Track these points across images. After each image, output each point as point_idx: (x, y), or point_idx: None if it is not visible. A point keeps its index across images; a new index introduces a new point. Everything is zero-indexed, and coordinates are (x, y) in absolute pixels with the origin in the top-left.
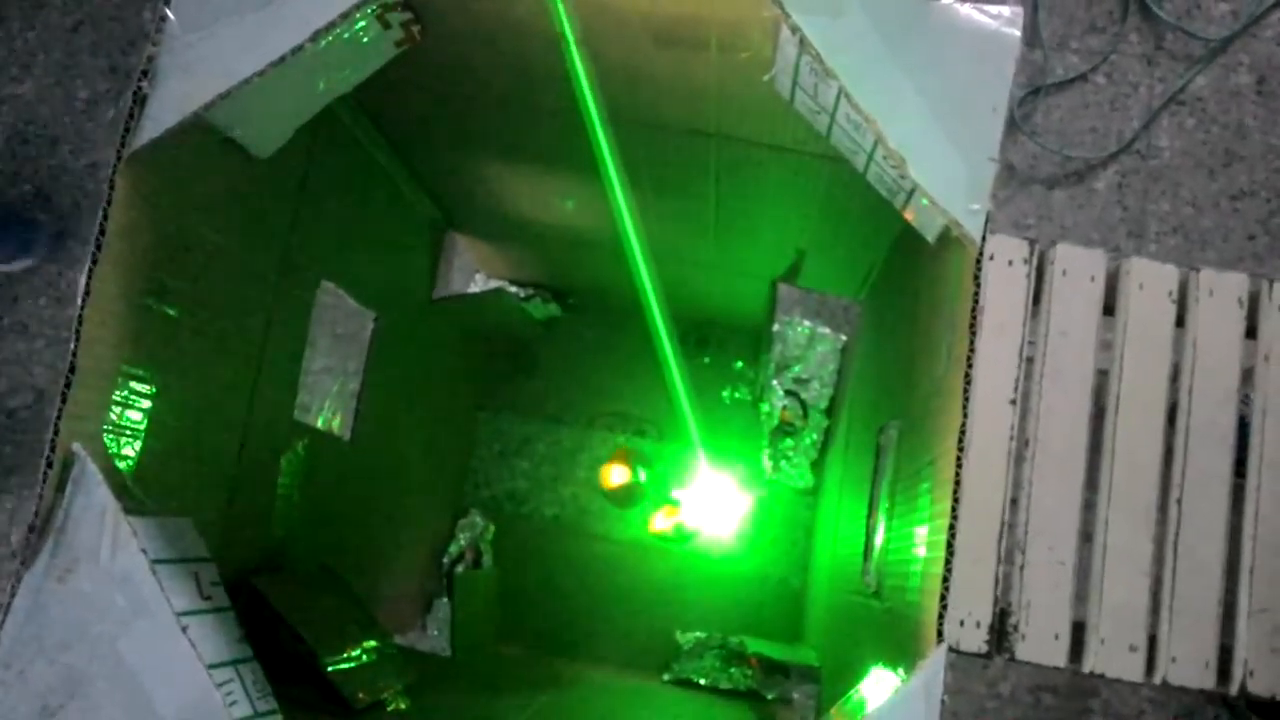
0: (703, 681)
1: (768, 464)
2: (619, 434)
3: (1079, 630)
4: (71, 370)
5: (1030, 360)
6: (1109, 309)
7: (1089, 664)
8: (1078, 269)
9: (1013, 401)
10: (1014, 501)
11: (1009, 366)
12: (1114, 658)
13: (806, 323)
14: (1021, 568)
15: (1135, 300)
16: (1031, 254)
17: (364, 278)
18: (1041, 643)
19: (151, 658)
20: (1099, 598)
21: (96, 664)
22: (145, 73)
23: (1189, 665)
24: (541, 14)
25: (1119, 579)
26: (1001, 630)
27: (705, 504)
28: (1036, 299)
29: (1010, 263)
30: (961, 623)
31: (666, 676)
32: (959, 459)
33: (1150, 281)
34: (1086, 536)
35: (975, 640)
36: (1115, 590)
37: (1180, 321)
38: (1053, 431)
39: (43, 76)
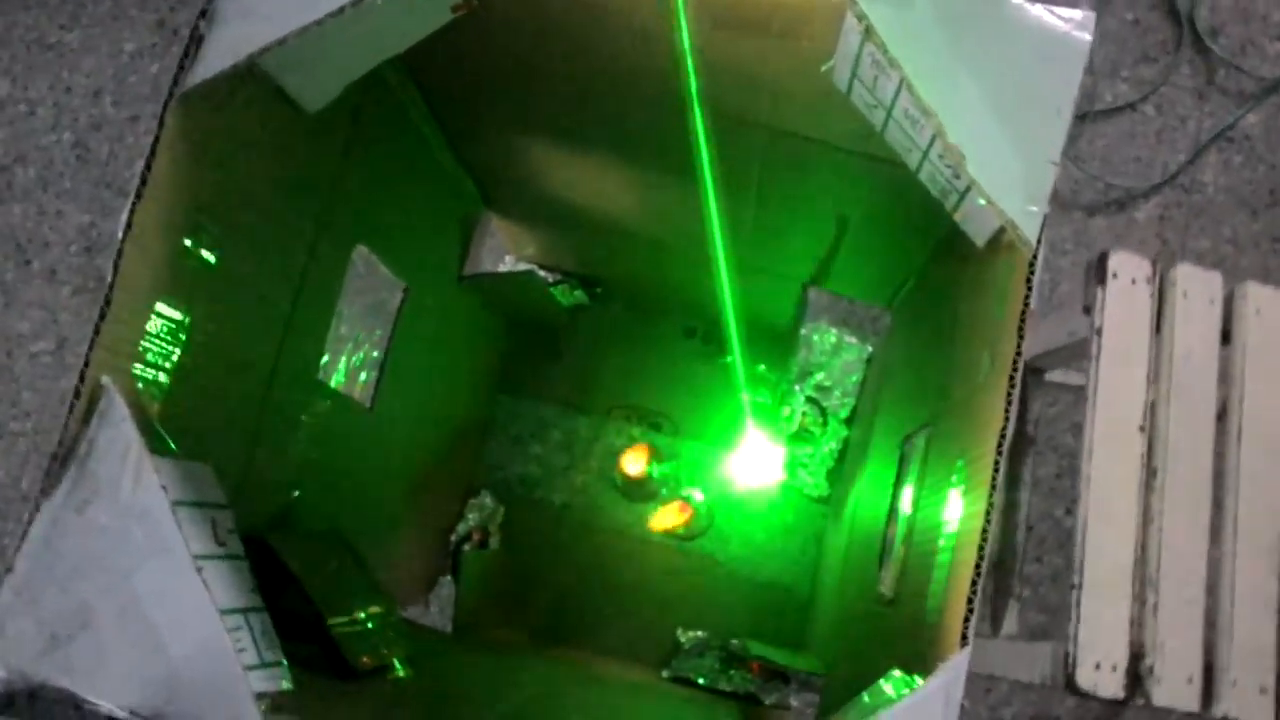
0: (701, 681)
1: (782, 470)
2: (634, 426)
3: (1207, 672)
4: (107, 303)
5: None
6: (1225, 334)
7: (1222, 708)
8: (1198, 291)
9: (1142, 429)
10: (1144, 537)
11: (1136, 391)
12: (1247, 700)
13: (833, 330)
14: (1154, 607)
15: (1253, 325)
16: (1154, 273)
17: (397, 247)
18: (1176, 686)
19: (165, 596)
20: (1229, 638)
21: (109, 597)
22: (204, 13)
23: None
24: None
25: (1247, 617)
26: (1135, 674)
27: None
28: (1158, 324)
29: (1134, 281)
30: (1097, 666)
31: (665, 673)
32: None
33: (1266, 306)
34: (1213, 572)
35: (1113, 685)
36: (1243, 629)
37: None
38: (1180, 462)
39: (90, 26)
